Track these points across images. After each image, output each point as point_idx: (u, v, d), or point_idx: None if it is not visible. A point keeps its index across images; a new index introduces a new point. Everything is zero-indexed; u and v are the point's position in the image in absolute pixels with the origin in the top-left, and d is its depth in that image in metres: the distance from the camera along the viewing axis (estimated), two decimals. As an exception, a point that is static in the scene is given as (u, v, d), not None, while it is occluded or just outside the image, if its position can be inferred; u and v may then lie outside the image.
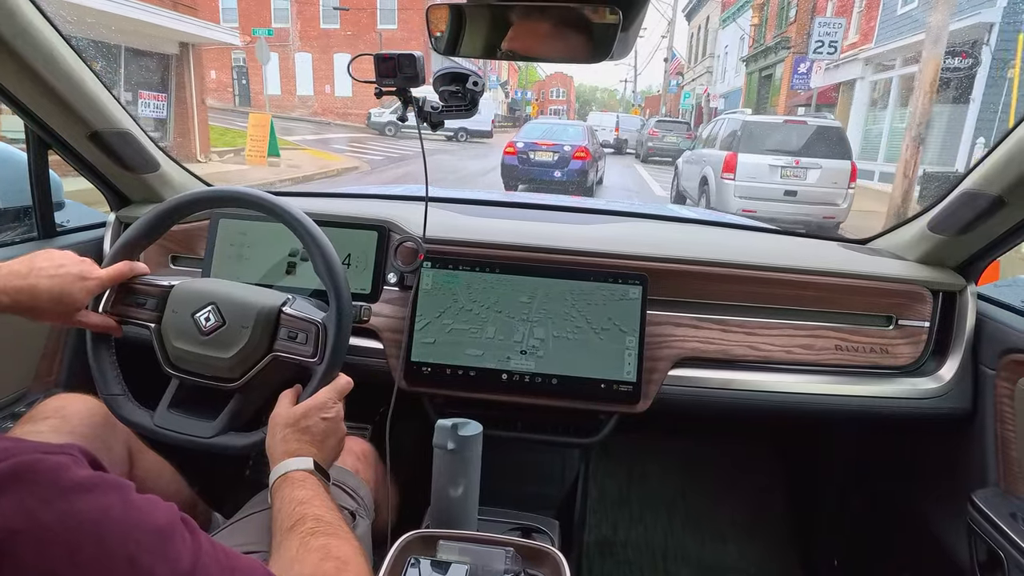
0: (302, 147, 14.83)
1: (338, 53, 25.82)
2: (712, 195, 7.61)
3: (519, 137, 10.09)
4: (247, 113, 12.12)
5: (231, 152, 11.81)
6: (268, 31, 17.42)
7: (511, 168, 9.73)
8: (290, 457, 0.77)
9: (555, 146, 9.65)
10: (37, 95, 1.02)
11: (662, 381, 1.12)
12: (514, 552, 0.79)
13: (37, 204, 1.25)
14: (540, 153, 9.65)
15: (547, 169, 9.60)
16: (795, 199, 7.18)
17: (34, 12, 0.92)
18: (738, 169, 7.23)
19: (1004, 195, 0.96)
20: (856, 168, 7.20)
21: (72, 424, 0.90)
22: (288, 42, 25.78)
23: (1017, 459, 1.02)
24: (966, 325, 1.13)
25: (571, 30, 0.81)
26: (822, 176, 7.13)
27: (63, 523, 0.41)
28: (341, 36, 25.83)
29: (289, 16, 25.89)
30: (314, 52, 26.23)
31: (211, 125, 14.33)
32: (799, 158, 7.19)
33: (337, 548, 0.65)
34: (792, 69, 16.45)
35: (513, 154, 9.74)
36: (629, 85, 49.75)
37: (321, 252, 0.89)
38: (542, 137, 9.92)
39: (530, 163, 9.63)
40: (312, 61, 26.40)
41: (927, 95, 7.24)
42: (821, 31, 13.25)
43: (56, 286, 0.81)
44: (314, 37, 26.13)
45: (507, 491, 1.12)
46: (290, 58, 26.32)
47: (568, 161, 9.54)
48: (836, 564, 1.51)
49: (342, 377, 0.88)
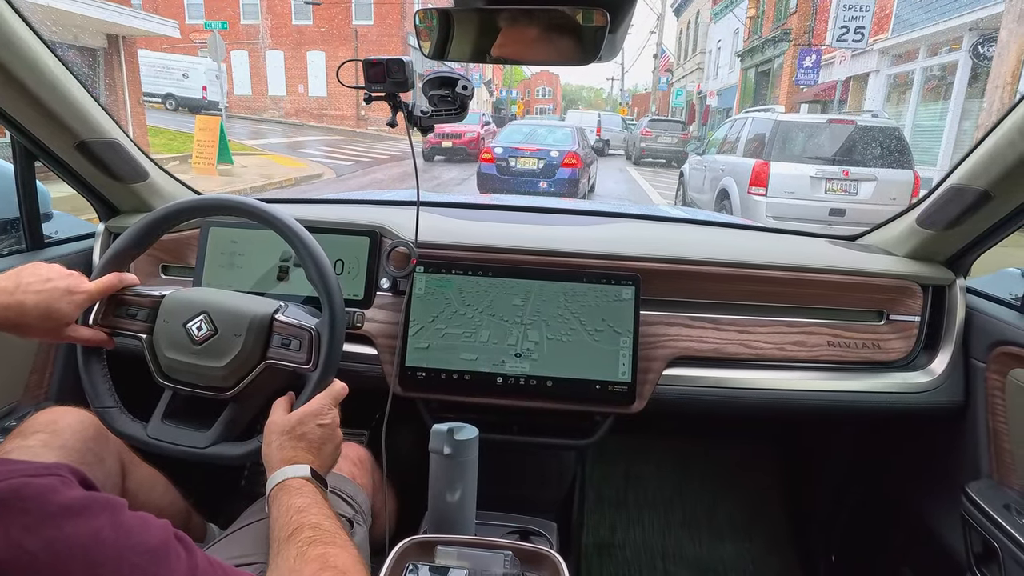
0: (263, 152, 13.95)
1: (311, 51, 24.89)
2: (735, 212, 6.21)
3: (498, 141, 8.63)
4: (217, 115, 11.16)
5: (176, 159, 10.60)
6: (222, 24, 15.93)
7: (488, 178, 8.27)
8: (287, 465, 0.76)
9: (540, 152, 8.23)
10: (22, 105, 1.01)
11: (657, 381, 1.12)
12: (512, 555, 0.79)
13: (25, 216, 1.23)
14: (523, 160, 8.17)
15: (531, 179, 8.19)
16: (843, 219, 5.65)
17: (17, 21, 0.91)
18: (771, 181, 5.79)
19: (990, 189, 0.97)
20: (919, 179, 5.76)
21: (63, 438, 0.89)
22: (258, 39, 24.82)
23: (1009, 450, 1.03)
24: (956, 319, 1.14)
25: (559, 33, 0.81)
26: (877, 190, 5.68)
27: (50, 550, 0.40)
28: (314, 33, 24.93)
29: (259, 12, 24.83)
30: (286, 50, 25.27)
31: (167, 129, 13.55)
32: (848, 168, 5.75)
33: (335, 557, 0.65)
34: (796, 63, 14.77)
35: (491, 161, 8.26)
36: (616, 83, 49.73)
37: (313, 258, 0.88)
38: (525, 141, 8.45)
39: (511, 172, 8.17)
40: (284, 59, 25.41)
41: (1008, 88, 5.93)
42: (845, 15, 11.42)
43: (44, 301, 0.80)
44: (286, 34, 25.20)
45: (504, 494, 1.12)
46: (260, 56, 25.29)
47: (555, 169, 8.11)
48: (833, 560, 1.52)
49: (337, 383, 0.87)
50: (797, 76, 14.62)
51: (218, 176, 9.82)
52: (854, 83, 14.20)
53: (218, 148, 9.87)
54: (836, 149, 5.92)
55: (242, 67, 25.68)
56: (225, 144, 10.10)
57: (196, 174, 9.73)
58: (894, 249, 1.24)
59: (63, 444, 0.89)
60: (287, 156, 13.91)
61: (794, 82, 15.33)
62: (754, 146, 6.38)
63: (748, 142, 6.58)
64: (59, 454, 0.87)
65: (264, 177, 10.49)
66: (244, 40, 24.99)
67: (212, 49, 12.91)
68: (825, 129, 6.16)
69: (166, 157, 10.60)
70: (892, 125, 6.36)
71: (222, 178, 9.82)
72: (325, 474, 0.81)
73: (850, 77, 14.04)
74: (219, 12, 23.66)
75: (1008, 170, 0.93)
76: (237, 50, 24.95)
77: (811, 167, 5.78)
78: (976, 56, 9.69)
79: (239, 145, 13.73)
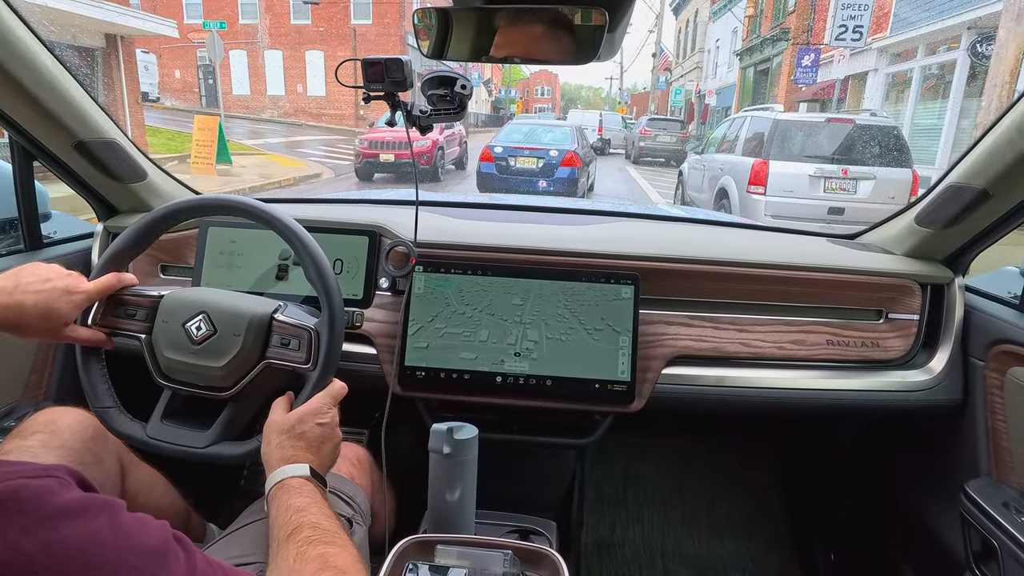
0: (261, 152, 13.85)
1: (310, 50, 24.79)
2: (734, 211, 6.26)
3: (497, 140, 8.75)
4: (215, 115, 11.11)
5: (175, 159, 10.55)
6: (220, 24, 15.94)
7: (487, 177, 8.43)
8: (286, 464, 0.76)
9: (539, 151, 8.38)
10: (21, 105, 1.01)
11: (656, 380, 1.12)
12: (512, 554, 0.79)
13: (23, 216, 1.23)
14: (522, 160, 8.32)
15: (530, 179, 8.31)
16: (842, 218, 5.70)
17: (15, 20, 0.91)
18: (769, 180, 5.79)
19: (989, 188, 0.98)
20: (918, 178, 5.82)
21: (62, 438, 0.89)
22: (256, 39, 24.64)
23: (1008, 449, 1.03)
24: (955, 317, 1.14)
25: (558, 32, 0.81)
26: (876, 189, 5.73)
27: (48, 552, 0.40)
28: (313, 32, 24.83)
29: (257, 11, 24.69)
30: (284, 49, 25.16)
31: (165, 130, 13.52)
32: (847, 167, 5.79)
33: (335, 557, 0.65)
34: (795, 62, 14.68)
35: (490, 160, 8.41)
36: (615, 83, 49.62)
37: (312, 258, 0.88)
38: (524, 140, 8.60)
39: (510, 171, 8.34)
40: (283, 59, 25.31)
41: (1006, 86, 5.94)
42: (844, 14, 11.43)
43: (43, 302, 0.80)
44: (284, 34, 25.09)
45: (504, 494, 1.12)
46: (259, 56, 25.14)
47: (555, 169, 8.24)
48: (833, 558, 1.52)
49: (336, 382, 0.87)
50: (796, 75, 14.57)
51: (217, 176, 9.78)
52: (853, 82, 14.14)
53: (217, 148, 9.85)
54: (835, 148, 5.94)
55: (240, 67, 25.52)
56: (224, 144, 10.08)
57: (195, 174, 9.68)
58: (893, 248, 1.24)
59: (62, 444, 0.89)
60: (286, 156, 13.82)
61: (792, 81, 15.25)
62: (753, 145, 6.38)
63: (747, 141, 6.59)
64: (58, 455, 0.87)
65: (263, 177, 10.44)
66: (243, 40, 24.80)
67: (211, 48, 12.80)
68: (824, 128, 6.14)
69: (165, 157, 10.54)
70: (890, 124, 6.40)
71: (221, 178, 9.78)
72: (324, 473, 0.81)
73: (849, 76, 13.98)
74: (217, 12, 23.51)
75: (1007, 168, 0.93)
76: (235, 50, 24.74)
77: (810, 166, 5.80)
78: (974, 55, 9.70)
79: (238, 145, 13.58)
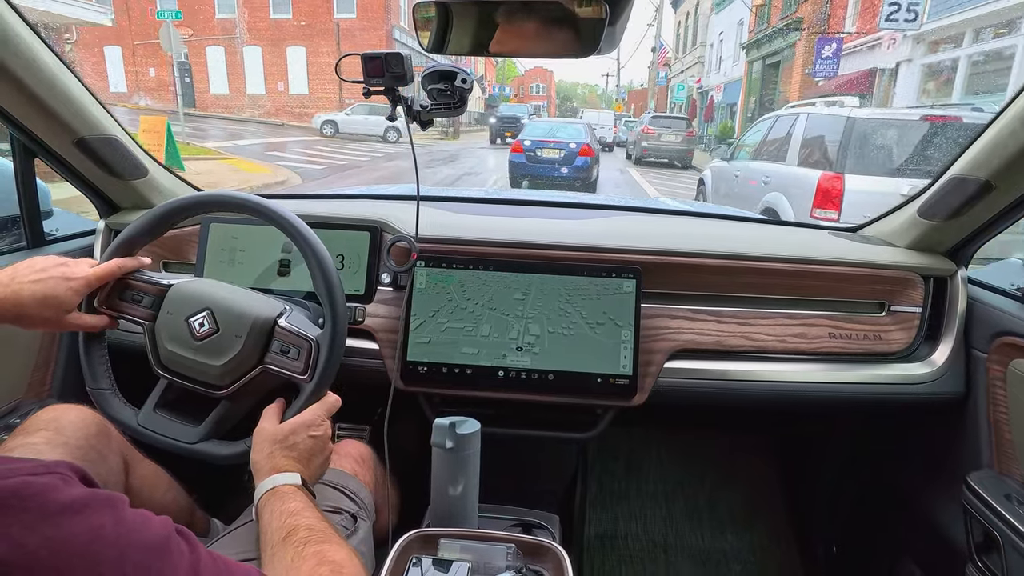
0: (225, 156, 12.28)
1: (291, 46, 23.68)
2: None
3: (524, 135, 10.67)
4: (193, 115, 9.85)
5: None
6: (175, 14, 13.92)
7: (519, 165, 10.14)
8: (277, 473, 0.77)
9: (561, 143, 10.07)
10: (21, 102, 1.01)
11: (658, 374, 1.12)
12: (515, 548, 0.79)
13: (25, 213, 1.23)
14: (547, 151, 10.07)
15: (554, 166, 9.98)
16: None
17: (15, 18, 0.91)
18: (846, 200, 4.21)
19: (992, 180, 0.97)
20: None
21: (66, 435, 0.90)
22: (235, 35, 23.48)
23: (1010, 440, 1.03)
24: (957, 309, 1.13)
25: (558, 26, 0.81)
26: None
27: (52, 549, 0.40)
28: (294, 27, 23.59)
29: (234, 5, 23.40)
30: (264, 45, 23.96)
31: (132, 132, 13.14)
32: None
33: (331, 552, 0.66)
34: (815, 52, 13.09)
35: (520, 152, 10.18)
36: (611, 79, 49.24)
37: (317, 259, 0.88)
38: (547, 135, 10.39)
39: (538, 160, 10.05)
40: (262, 56, 24.10)
41: None
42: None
43: (40, 290, 0.81)
44: (264, 28, 23.78)
45: (506, 488, 1.13)
46: (237, 52, 23.93)
47: (574, 157, 9.92)
48: (835, 550, 1.52)
49: (331, 396, 0.88)
50: (815, 67, 13.04)
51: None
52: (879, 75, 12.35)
53: (165, 152, 8.45)
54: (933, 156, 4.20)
55: (218, 64, 24.38)
56: (174, 147, 8.88)
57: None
58: (895, 240, 1.24)
59: (66, 441, 0.89)
60: (253, 160, 12.24)
61: (808, 74, 13.85)
62: (811, 152, 4.84)
63: (804, 146, 4.99)
64: (62, 451, 0.87)
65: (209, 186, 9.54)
66: (220, 35, 23.73)
67: (165, 41, 11.18)
68: (917, 129, 4.35)
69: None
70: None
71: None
72: (313, 485, 0.81)
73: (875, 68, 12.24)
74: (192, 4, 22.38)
75: (1010, 160, 0.93)
76: (212, 46, 23.76)
77: (903, 182, 3.91)
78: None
79: (199, 148, 12.49)
